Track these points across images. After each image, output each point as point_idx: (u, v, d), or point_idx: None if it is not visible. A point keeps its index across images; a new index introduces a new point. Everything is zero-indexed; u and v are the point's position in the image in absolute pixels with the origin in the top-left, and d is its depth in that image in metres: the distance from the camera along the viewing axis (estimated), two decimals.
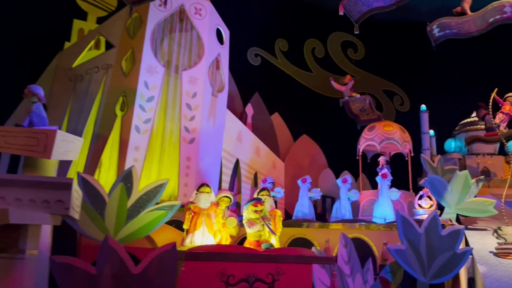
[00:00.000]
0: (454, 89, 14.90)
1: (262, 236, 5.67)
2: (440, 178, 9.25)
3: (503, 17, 8.69)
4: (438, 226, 6.49)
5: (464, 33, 9.46)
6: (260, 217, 5.72)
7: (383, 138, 10.39)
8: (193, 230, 5.97)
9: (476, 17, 8.82)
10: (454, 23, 9.13)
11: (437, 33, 9.55)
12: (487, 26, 9.11)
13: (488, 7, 8.66)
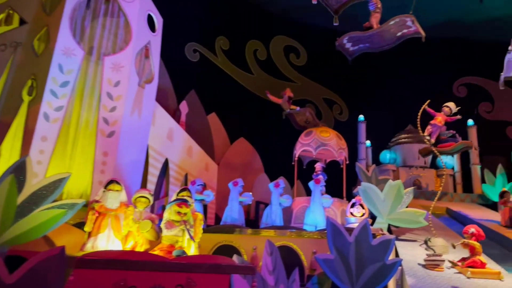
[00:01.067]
0: (392, 101, 15.13)
1: (179, 242, 5.01)
2: (374, 186, 9.07)
3: (410, 31, 8.97)
4: (368, 235, 6.16)
5: (376, 47, 9.67)
6: (182, 220, 5.06)
7: (319, 144, 10.11)
8: (96, 233, 5.16)
9: (380, 31, 9.01)
10: (364, 37, 9.27)
11: (351, 47, 9.69)
12: (396, 40, 9.38)
13: (390, 21, 8.86)
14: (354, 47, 9.65)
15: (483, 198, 13.58)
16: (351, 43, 9.49)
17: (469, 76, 16.24)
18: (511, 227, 10.11)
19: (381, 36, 9.20)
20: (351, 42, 9.46)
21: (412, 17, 8.62)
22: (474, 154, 14.36)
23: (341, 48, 9.66)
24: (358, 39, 9.39)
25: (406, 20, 8.64)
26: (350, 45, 9.54)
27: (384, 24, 8.98)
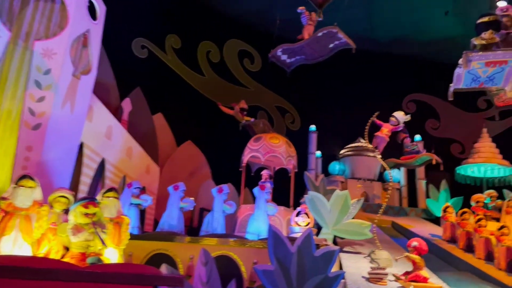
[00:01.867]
0: (343, 113, 15.14)
1: (90, 247, 4.41)
2: (321, 196, 8.83)
3: (341, 42, 9.19)
4: (311, 246, 5.82)
5: (311, 59, 9.89)
6: (91, 222, 4.45)
7: (268, 150, 9.77)
8: (0, 236, 4.46)
9: (310, 43, 9.21)
10: (296, 48, 9.45)
11: (288, 59, 9.88)
12: (330, 52, 9.63)
13: (317, 32, 9.02)
14: (291, 59, 9.85)
15: (427, 212, 13.78)
16: (287, 55, 9.66)
17: (418, 93, 16.64)
18: (452, 241, 10.20)
19: (312, 48, 9.43)
20: (287, 54, 9.63)
21: (336, 28, 8.82)
22: (420, 169, 14.59)
23: (276, 60, 9.88)
24: (292, 51, 9.56)
25: (332, 31, 8.85)
26: (286, 57, 9.72)
27: (312, 35, 9.11)
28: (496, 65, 7.18)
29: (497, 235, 8.78)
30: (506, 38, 7.38)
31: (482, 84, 7.86)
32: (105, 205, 5.15)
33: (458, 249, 9.67)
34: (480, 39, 7.37)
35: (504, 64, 7.15)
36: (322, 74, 15.73)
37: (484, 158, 12.86)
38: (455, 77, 7.81)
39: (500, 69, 7.31)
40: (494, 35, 7.28)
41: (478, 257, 9.06)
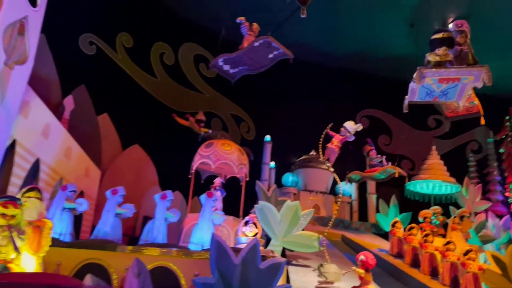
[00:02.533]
0: (299, 125, 15.03)
1: (1, 253, 3.82)
2: (271, 206, 8.54)
3: (280, 52, 9.29)
4: (257, 257, 5.47)
5: (253, 69, 9.94)
6: (7, 225, 3.88)
7: (219, 157, 9.36)
8: None
9: (247, 53, 9.24)
10: (236, 58, 9.51)
11: (231, 70, 9.85)
12: (270, 62, 9.73)
13: (253, 42, 8.95)
14: (235, 70, 9.82)
15: (377, 227, 13.84)
16: (229, 65, 9.63)
17: (372, 109, 16.88)
18: (399, 256, 10.19)
19: (251, 58, 9.48)
20: (229, 64, 9.59)
21: (270, 38, 8.85)
22: (371, 184, 14.69)
23: (218, 70, 9.81)
24: (234, 61, 9.50)
25: (266, 41, 8.89)
26: (228, 67, 9.70)
27: (248, 46, 9.00)
28: (449, 82, 7.23)
29: (442, 251, 8.82)
30: (459, 55, 7.47)
31: (436, 98, 7.91)
32: (25, 206, 4.54)
33: (405, 264, 9.65)
34: (434, 55, 7.39)
35: (457, 81, 7.21)
36: (278, 85, 15.64)
37: (433, 175, 13.11)
38: (410, 91, 7.81)
39: (453, 84, 7.37)
40: (447, 52, 7.32)
41: (423, 273, 9.06)
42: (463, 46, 7.50)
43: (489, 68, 7.17)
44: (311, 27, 14.88)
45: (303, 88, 15.83)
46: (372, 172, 12.18)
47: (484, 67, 7.12)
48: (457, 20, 7.82)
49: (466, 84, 7.34)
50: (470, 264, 8.01)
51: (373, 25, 14.54)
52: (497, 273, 8.72)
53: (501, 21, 13.05)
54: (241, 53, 9.08)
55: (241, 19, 9.27)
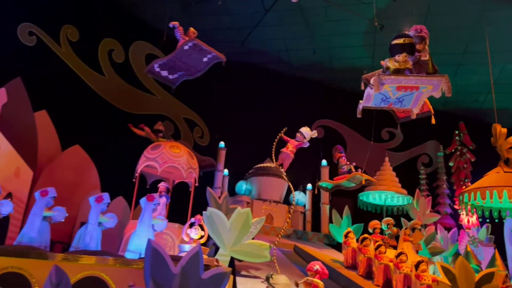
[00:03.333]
0: (254, 133, 14.66)
1: None
2: (220, 213, 8.03)
3: (213, 56, 9.24)
4: (199, 266, 4.95)
5: (189, 74, 9.86)
6: None
7: (166, 160, 8.74)
8: None
9: (177, 57, 9.19)
10: (169, 62, 9.43)
11: (170, 76, 9.71)
12: (205, 66, 9.69)
13: (183, 45, 8.79)
14: (174, 75, 9.64)
15: (329, 238, 13.62)
16: (167, 71, 9.42)
17: (327, 119, 16.83)
18: (353, 268, 9.96)
19: (185, 62, 9.14)
20: (166, 70, 9.39)
21: (196, 40, 8.76)
22: (324, 194, 14.50)
23: (156, 76, 9.47)
24: (169, 66, 9.17)
25: (196, 44, 8.81)
26: (166, 73, 9.49)
27: (177, 49, 8.86)
28: (407, 90, 7.06)
29: (395, 262, 8.66)
30: (418, 62, 7.34)
31: (391, 104, 7.76)
32: None
33: (358, 275, 9.42)
34: (393, 61, 7.18)
35: (415, 90, 7.05)
36: (235, 91, 15.25)
37: (385, 186, 13.10)
38: (365, 96, 7.61)
39: (411, 92, 7.22)
40: (407, 59, 7.15)
41: (377, 284, 8.86)
42: (422, 52, 7.39)
43: (448, 78, 7.04)
44: (270, 35, 14.70)
45: (259, 95, 15.52)
46: (340, 179, 11.89)
47: (444, 77, 6.99)
48: (416, 25, 7.71)
49: (424, 93, 7.20)
50: (424, 276, 7.87)
51: (331, 35, 14.54)
52: (447, 285, 8.65)
53: (453, 36, 13.37)
54: (171, 57, 8.88)
55: (175, 23, 9.11)
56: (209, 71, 14.80)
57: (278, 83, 15.94)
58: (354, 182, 11.72)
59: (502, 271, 9.73)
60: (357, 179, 11.52)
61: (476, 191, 8.96)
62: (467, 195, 9.23)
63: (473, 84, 16.18)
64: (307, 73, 16.35)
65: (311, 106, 15.97)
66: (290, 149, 9.05)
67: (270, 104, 15.28)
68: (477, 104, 17.30)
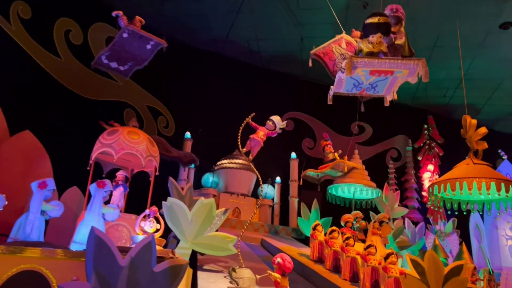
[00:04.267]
0: (221, 124, 14.15)
1: None
2: (181, 204, 7.48)
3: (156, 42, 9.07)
4: (151, 259, 4.43)
5: (139, 63, 9.55)
6: None
7: (123, 146, 8.09)
8: None
9: (119, 45, 8.71)
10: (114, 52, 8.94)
11: (121, 67, 9.48)
12: (151, 53, 9.14)
13: (121, 33, 8.54)
14: (125, 66, 9.25)
15: (298, 232, 13.32)
16: (115, 62, 9.03)
17: (297, 112, 16.49)
18: (320, 261, 9.65)
19: (130, 51, 8.81)
20: (115, 61, 9.01)
21: (131, 26, 8.39)
22: (293, 187, 14.18)
23: (106, 68, 9.24)
24: (118, 57, 8.90)
25: (131, 30, 8.47)
26: (115, 64, 9.13)
27: (116, 37, 8.58)
28: (382, 74, 6.66)
29: (363, 255, 8.38)
30: (392, 44, 6.97)
31: (363, 90, 7.39)
32: None
33: (325, 269, 9.10)
34: (367, 42, 6.75)
35: (389, 74, 6.65)
36: (202, 81, 14.70)
37: (354, 178, 12.87)
38: (336, 81, 7.22)
39: (384, 77, 6.86)
40: (382, 40, 6.73)
41: (344, 278, 8.56)
42: (397, 34, 7.02)
43: (426, 62, 6.67)
44: (240, 24, 14.19)
45: (228, 86, 15.01)
46: (324, 167, 11.40)
47: (420, 61, 6.59)
48: (392, 4, 7.33)
49: (399, 78, 6.84)
50: (392, 268, 7.60)
51: (299, 26, 14.17)
52: (416, 278, 8.44)
53: (423, 30, 13.26)
54: (113, 46, 8.57)
55: (117, 12, 8.60)
56: (176, 59, 14.24)
57: (246, 74, 15.48)
58: (338, 170, 11.22)
59: (470, 264, 9.64)
60: (341, 166, 11.01)
61: (446, 183, 8.78)
62: (437, 187, 9.05)
63: (442, 79, 16.22)
64: (276, 65, 15.97)
65: (281, 99, 15.58)
66: (260, 136, 8.55)
67: (238, 96, 14.78)
68: (445, 99, 17.40)
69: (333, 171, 11.31)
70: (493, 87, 16.52)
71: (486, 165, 9.15)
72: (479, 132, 9.43)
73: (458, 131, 9.98)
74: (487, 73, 15.61)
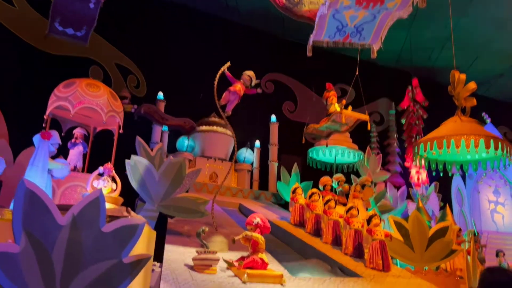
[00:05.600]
0: (198, 86, 13.26)
1: None
2: (147, 162, 6.79)
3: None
4: (99, 217, 3.74)
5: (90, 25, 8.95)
6: None
7: (81, 100, 7.24)
8: None
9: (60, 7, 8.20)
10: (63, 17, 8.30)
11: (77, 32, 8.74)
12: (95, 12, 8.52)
13: None
14: (81, 31, 8.61)
15: (277, 196, 12.83)
16: (71, 28, 8.30)
17: (277, 73, 15.70)
18: (300, 225, 9.16)
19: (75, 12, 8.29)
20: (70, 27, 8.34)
21: None
22: (273, 151, 13.60)
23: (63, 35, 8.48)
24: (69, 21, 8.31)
25: None
26: (72, 31, 8.43)
27: None
28: (370, 4, 5.77)
29: (346, 217, 7.89)
30: None
31: (348, 36, 6.63)
32: None
33: (306, 233, 8.62)
34: None
35: (379, 4, 5.77)
36: (177, 38, 13.71)
37: (336, 140, 12.32)
38: (317, 22, 6.42)
39: (371, 16, 6.09)
40: None
41: (325, 241, 8.09)
42: None
43: None
44: None
45: (204, 44, 14.04)
46: (324, 121, 10.46)
47: None
48: None
49: (389, 10, 5.97)
50: (377, 231, 7.13)
51: None
52: (399, 240, 8.06)
53: None
54: (53, 8, 8.04)
55: None
56: (148, 14, 13.20)
57: (224, 32, 14.52)
58: (340, 123, 10.20)
59: (455, 226, 9.30)
60: (338, 117, 9.97)
61: (433, 141, 8.25)
62: (423, 145, 8.52)
63: (426, 39, 15.60)
64: (255, 23, 15.02)
65: (260, 59, 14.70)
66: (238, 89, 7.75)
67: (215, 55, 13.86)
68: (429, 61, 16.84)
69: (334, 124, 10.32)
70: (479, 49, 15.99)
71: (475, 122, 8.67)
72: (468, 88, 8.86)
73: (442, 95, 9.42)
74: (474, 33, 15.02)
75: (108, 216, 4.13)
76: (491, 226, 14.97)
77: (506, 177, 15.54)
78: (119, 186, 5.29)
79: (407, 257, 7.84)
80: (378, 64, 16.14)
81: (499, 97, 18.82)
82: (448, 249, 7.70)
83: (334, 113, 9.64)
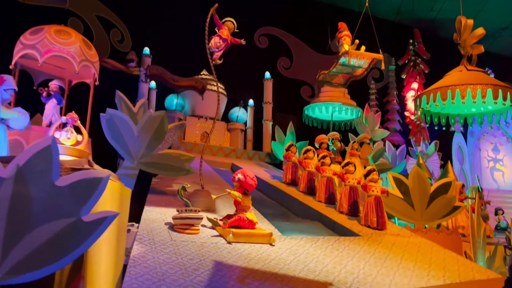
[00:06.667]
0: (186, 42, 12.47)
1: None
2: (124, 116, 6.19)
3: None
4: (51, 168, 3.18)
5: None
6: None
7: (51, 48, 6.53)
8: None
9: None
10: None
11: None
12: None
13: None
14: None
15: (272, 156, 12.35)
16: None
17: (271, 27, 14.83)
18: (293, 184, 8.69)
19: None
20: None
21: None
22: (267, 109, 13.01)
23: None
24: None
25: None
26: None
27: None
28: None
29: (341, 173, 7.38)
30: None
31: None
32: None
33: (298, 191, 8.16)
34: None
35: None
36: None
37: (333, 97, 11.70)
38: None
39: None
40: None
41: (319, 200, 7.63)
42: None
43: None
44: None
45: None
46: (334, 65, 9.62)
47: None
48: None
49: None
50: (372, 186, 6.64)
51: None
52: (399, 197, 7.61)
53: None
54: None
55: None
56: None
57: None
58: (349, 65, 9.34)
59: (458, 182, 8.86)
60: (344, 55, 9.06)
61: (436, 92, 7.67)
62: (425, 98, 7.95)
63: None
64: None
65: (253, 11, 13.84)
66: (225, 35, 6.91)
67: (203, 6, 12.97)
68: (432, 13, 15.94)
69: (345, 68, 9.49)
70: None
71: (482, 71, 8.05)
72: (475, 34, 8.19)
73: (444, 49, 8.70)
74: None
75: (70, 169, 3.59)
76: (491, 184, 14.61)
77: (508, 133, 15.04)
78: (85, 137, 4.72)
79: (407, 215, 7.41)
80: (377, 17, 15.28)
81: (503, 52, 18.03)
82: (451, 206, 7.25)
83: (341, 53, 8.80)
